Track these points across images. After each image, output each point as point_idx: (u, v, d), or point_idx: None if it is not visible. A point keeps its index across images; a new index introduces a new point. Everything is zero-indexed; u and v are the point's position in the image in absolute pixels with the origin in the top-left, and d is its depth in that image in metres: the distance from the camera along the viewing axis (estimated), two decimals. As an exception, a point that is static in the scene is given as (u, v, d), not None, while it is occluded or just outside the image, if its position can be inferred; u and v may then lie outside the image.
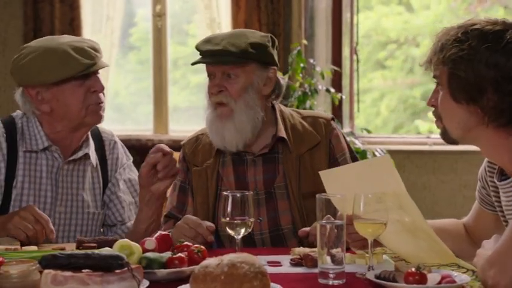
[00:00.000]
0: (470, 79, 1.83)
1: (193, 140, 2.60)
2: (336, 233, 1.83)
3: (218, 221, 2.42)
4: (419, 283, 1.73)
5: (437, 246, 1.99)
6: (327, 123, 2.55)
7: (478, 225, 2.14)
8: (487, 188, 2.08)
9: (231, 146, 2.46)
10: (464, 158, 5.04)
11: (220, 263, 1.68)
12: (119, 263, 1.70)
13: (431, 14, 7.30)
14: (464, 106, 1.86)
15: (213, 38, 2.46)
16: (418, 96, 7.15)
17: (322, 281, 1.84)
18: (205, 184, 2.51)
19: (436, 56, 1.91)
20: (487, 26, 1.87)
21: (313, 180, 2.42)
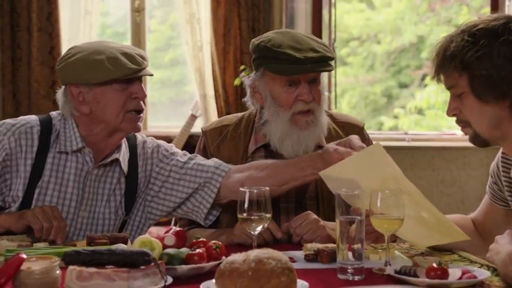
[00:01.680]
0: (493, 76, 1.86)
1: (217, 132, 2.51)
2: (357, 229, 1.84)
3: None
4: (441, 278, 1.75)
5: (445, 225, 2.01)
6: (360, 131, 2.50)
7: (487, 221, 2.17)
8: (499, 183, 2.11)
9: (305, 154, 2.37)
10: (441, 155, 5.11)
11: (246, 259, 1.68)
12: (145, 259, 1.70)
13: (392, 12, 7.38)
14: (492, 104, 1.89)
15: (296, 43, 2.34)
16: (379, 92, 7.24)
17: (342, 277, 1.85)
18: None
19: (447, 65, 1.93)
20: (491, 23, 1.90)
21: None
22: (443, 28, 7.22)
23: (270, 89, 2.40)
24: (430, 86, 6.97)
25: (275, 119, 2.39)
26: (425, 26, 7.31)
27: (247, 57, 5.06)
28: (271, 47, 2.34)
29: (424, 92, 7.04)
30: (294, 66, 2.32)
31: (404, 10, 7.45)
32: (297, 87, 2.37)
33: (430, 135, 5.42)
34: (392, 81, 7.45)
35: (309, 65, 2.33)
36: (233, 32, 5.10)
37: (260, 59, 2.40)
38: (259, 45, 2.39)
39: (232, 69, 5.10)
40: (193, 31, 5.15)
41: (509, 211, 2.12)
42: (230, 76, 5.10)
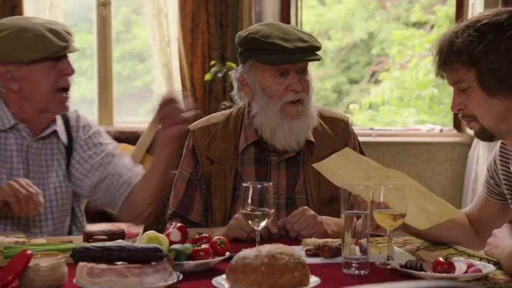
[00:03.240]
0: (503, 69, 1.88)
1: (206, 131, 2.49)
2: (363, 223, 1.85)
3: None
4: (447, 272, 1.77)
5: (438, 202, 2.04)
6: (345, 126, 2.52)
7: (483, 215, 2.21)
8: (495, 178, 2.15)
9: (296, 145, 2.40)
10: (407, 150, 5.18)
11: (258, 254, 1.67)
12: (158, 254, 1.68)
13: (343, 8, 7.45)
14: (501, 97, 1.91)
15: (284, 34, 2.36)
16: (329, 88, 7.30)
17: (347, 271, 1.86)
18: (223, 183, 2.43)
19: (453, 61, 1.94)
20: (495, 17, 1.92)
21: (331, 186, 2.35)
22: (393, 25, 7.32)
23: (260, 81, 2.41)
24: (384, 82, 7.05)
25: (265, 111, 2.40)
26: (375, 22, 7.39)
27: (216, 53, 5.05)
28: (261, 38, 2.35)
29: (378, 88, 7.12)
30: (284, 56, 2.33)
31: (355, 7, 7.52)
32: (287, 77, 2.38)
33: (395, 131, 5.49)
34: (342, 77, 7.52)
35: (299, 54, 2.34)
36: (201, 27, 5.08)
37: (249, 51, 2.40)
38: (248, 37, 2.39)
39: (200, 64, 5.08)
40: (160, 26, 5.11)
41: (505, 205, 2.16)
42: (198, 71, 5.08)
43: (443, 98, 7.00)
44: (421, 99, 7.03)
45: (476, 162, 4.99)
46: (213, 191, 2.45)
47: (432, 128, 5.47)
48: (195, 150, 2.49)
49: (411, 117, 6.95)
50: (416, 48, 7.07)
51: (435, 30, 7.12)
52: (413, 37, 7.15)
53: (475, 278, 1.78)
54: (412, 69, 7.04)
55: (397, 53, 7.09)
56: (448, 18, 6.97)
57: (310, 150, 2.46)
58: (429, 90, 6.94)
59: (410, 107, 7.06)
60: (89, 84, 5.60)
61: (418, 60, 7.03)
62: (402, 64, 7.21)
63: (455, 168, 5.20)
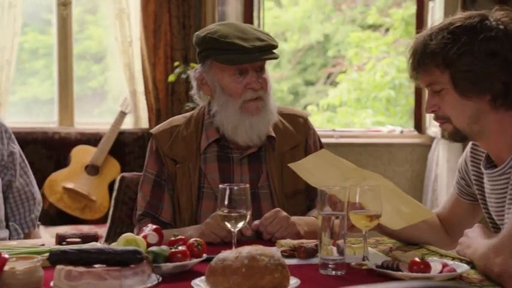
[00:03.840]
0: (476, 71, 1.91)
1: (168, 132, 2.52)
2: (341, 224, 1.87)
3: (200, 220, 2.41)
4: (424, 272, 1.80)
5: (411, 203, 2.07)
6: (305, 122, 2.57)
7: (453, 215, 2.24)
8: (466, 178, 2.18)
9: (258, 140, 2.43)
10: (368, 151, 5.23)
11: (238, 256, 1.67)
12: (137, 257, 1.67)
13: (299, 10, 7.49)
14: (474, 99, 1.94)
15: (242, 33, 2.39)
16: (286, 90, 7.34)
17: (324, 272, 1.87)
18: (188, 182, 2.45)
19: (427, 63, 1.96)
20: (468, 20, 1.96)
21: (294, 180, 2.45)
22: (349, 27, 7.38)
23: (219, 80, 2.44)
24: (341, 84, 7.11)
25: (225, 109, 2.43)
26: (331, 25, 7.45)
27: (178, 54, 5.03)
28: (219, 38, 2.38)
29: (336, 90, 7.18)
30: (242, 55, 2.37)
31: (311, 9, 7.56)
32: (245, 76, 2.42)
33: (357, 132, 5.54)
34: (298, 79, 7.56)
35: (257, 53, 2.38)
36: (163, 28, 5.05)
37: (207, 51, 2.43)
38: (206, 37, 2.42)
39: (163, 65, 5.05)
40: (122, 27, 5.07)
41: (475, 206, 2.19)
42: (160, 72, 5.06)
43: (400, 100, 7.08)
44: (378, 101, 7.11)
45: (436, 163, 5.06)
46: (179, 191, 2.47)
47: (393, 129, 5.53)
48: (158, 152, 2.51)
49: (368, 119, 7.02)
50: (373, 51, 7.15)
51: (391, 32, 7.19)
52: (370, 39, 7.23)
53: (450, 278, 1.80)
54: (369, 71, 7.11)
55: (354, 55, 7.15)
56: (404, 21, 7.06)
57: (272, 145, 2.50)
58: (386, 92, 7.01)
59: (368, 108, 7.13)
60: (43, 85, 5.52)
61: (375, 62, 7.11)
62: (359, 66, 7.27)
63: (415, 169, 5.26)
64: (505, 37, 1.93)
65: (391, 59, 7.06)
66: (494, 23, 1.94)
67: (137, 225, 2.48)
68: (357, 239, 2.25)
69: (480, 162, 2.10)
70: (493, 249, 1.78)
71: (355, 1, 7.54)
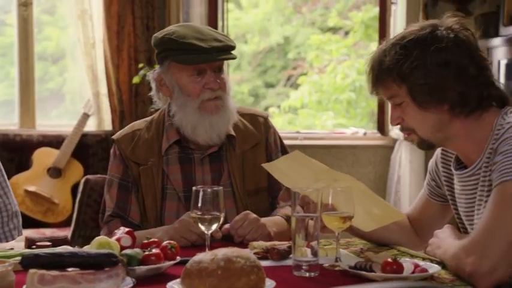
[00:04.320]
0: (431, 83, 1.94)
1: (129, 136, 2.54)
2: (314, 225, 1.87)
3: (165, 221, 2.40)
4: (396, 272, 1.82)
5: (382, 205, 2.10)
6: (265, 121, 2.60)
7: (424, 216, 2.26)
8: (437, 179, 2.21)
9: (218, 139, 2.45)
10: (332, 153, 5.26)
11: (214, 258, 1.67)
12: (112, 260, 1.66)
13: (259, 12, 7.52)
14: (433, 110, 1.97)
15: (200, 34, 2.41)
16: (246, 92, 7.36)
17: (298, 274, 1.88)
18: (152, 184, 2.46)
19: (385, 78, 1.99)
20: (419, 33, 1.99)
21: (256, 178, 2.48)
22: (309, 30, 7.42)
23: (177, 80, 2.46)
24: (303, 86, 7.15)
25: (184, 109, 2.46)
26: (291, 27, 7.48)
27: (142, 55, 5.00)
28: (177, 38, 2.40)
29: (297, 92, 7.21)
30: (200, 55, 2.39)
31: (271, 11, 7.59)
32: (203, 76, 2.44)
33: (321, 134, 5.56)
34: (259, 81, 7.58)
35: (214, 53, 2.41)
36: (127, 29, 5.02)
37: (165, 52, 2.45)
38: (164, 38, 2.44)
39: (127, 67, 5.02)
40: (85, 28, 5.03)
41: (445, 206, 2.22)
42: (124, 74, 5.02)
43: (360, 102, 7.14)
44: (339, 103, 7.16)
45: (398, 164, 5.11)
46: (144, 192, 2.48)
47: (356, 131, 5.57)
48: (122, 156, 2.52)
49: (329, 121, 7.06)
50: (334, 53, 7.20)
51: (351, 35, 7.25)
52: (330, 42, 7.27)
53: (422, 278, 1.82)
54: (330, 74, 7.16)
55: (315, 57, 7.19)
56: (364, 24, 7.12)
57: (232, 144, 2.52)
58: (346, 94, 7.06)
59: (329, 110, 7.17)
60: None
61: (335, 65, 7.16)
62: (320, 68, 7.32)
63: (378, 170, 5.31)
64: (456, 46, 1.96)
65: (351, 62, 7.12)
66: (445, 32, 1.97)
67: (105, 226, 2.48)
68: (328, 241, 2.26)
69: (450, 164, 2.13)
70: (464, 249, 1.81)
71: (315, 4, 7.59)
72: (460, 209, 2.10)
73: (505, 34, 4.51)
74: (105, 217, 2.49)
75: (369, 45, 7.12)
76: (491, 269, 1.74)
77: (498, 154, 1.88)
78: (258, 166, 2.48)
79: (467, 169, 2.02)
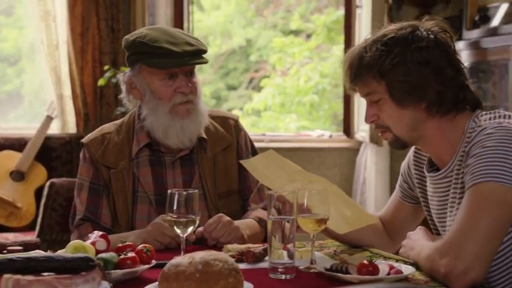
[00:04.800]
0: (411, 81, 1.96)
1: (99, 140, 2.51)
2: (291, 228, 1.88)
3: (136, 224, 2.39)
4: (372, 274, 1.82)
5: (355, 208, 2.11)
6: (235, 124, 2.60)
7: (396, 218, 2.28)
8: (409, 181, 2.23)
9: (189, 143, 2.44)
10: (298, 155, 5.27)
11: (192, 261, 1.66)
12: (89, 264, 1.63)
13: (221, 15, 7.52)
14: (410, 107, 1.99)
15: (171, 38, 2.40)
16: (208, 94, 7.36)
17: (274, 276, 1.88)
18: (123, 187, 2.45)
19: (364, 75, 2.01)
20: (400, 31, 2.01)
21: (227, 180, 2.49)
22: (271, 33, 7.44)
23: (148, 84, 2.44)
24: (266, 89, 7.16)
25: (155, 113, 2.45)
26: (253, 30, 7.50)
27: (107, 57, 4.96)
28: (148, 42, 2.39)
29: (261, 95, 7.23)
30: (172, 59, 2.38)
31: (233, 14, 7.60)
32: (175, 80, 2.43)
33: (287, 137, 5.58)
34: (221, 84, 7.58)
35: (187, 58, 2.40)
36: (91, 31, 4.98)
37: (136, 55, 2.43)
38: (135, 41, 2.42)
39: (91, 69, 4.98)
40: (48, 29, 4.97)
41: (417, 208, 2.24)
42: (88, 76, 4.98)
43: (323, 105, 7.18)
44: (302, 106, 7.19)
45: (364, 166, 5.15)
46: (115, 196, 2.47)
47: (322, 133, 5.60)
48: (92, 159, 2.50)
49: (293, 123, 7.09)
50: (296, 56, 7.23)
51: (313, 38, 7.29)
52: (293, 45, 7.30)
53: (398, 279, 1.84)
54: (293, 76, 7.19)
55: (278, 60, 7.21)
56: (326, 27, 7.16)
57: (203, 147, 2.51)
58: (309, 97, 7.10)
59: (292, 113, 7.20)
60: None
61: (298, 68, 7.18)
62: (283, 71, 7.34)
63: (344, 172, 5.34)
64: (435, 46, 1.98)
65: (314, 65, 7.15)
66: (424, 33, 1.99)
67: (75, 230, 2.45)
68: (301, 243, 2.26)
69: (423, 166, 2.15)
70: (439, 250, 1.83)
71: (277, 7, 7.61)
72: (433, 211, 2.12)
73: (468, 38, 4.57)
74: (76, 221, 2.46)
75: (331, 48, 7.16)
76: (466, 270, 1.76)
77: (470, 157, 1.90)
78: (229, 169, 2.49)
79: (440, 171, 2.05)
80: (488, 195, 1.82)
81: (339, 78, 6.70)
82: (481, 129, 1.93)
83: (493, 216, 1.80)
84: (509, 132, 1.89)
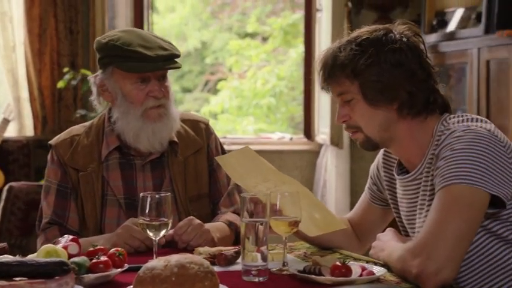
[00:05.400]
0: (384, 81, 1.99)
1: (68, 142, 2.48)
2: (264, 230, 1.88)
3: (105, 228, 2.37)
4: (345, 275, 1.84)
5: (325, 213, 2.12)
6: (206, 127, 2.59)
7: (365, 221, 2.30)
8: (378, 184, 2.25)
9: (160, 147, 2.42)
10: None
11: (167, 264, 1.66)
12: (64, 268, 1.62)
13: (176, 17, 7.51)
14: (382, 107, 2.01)
15: (145, 42, 2.38)
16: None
17: (247, 279, 1.88)
18: (92, 190, 2.42)
19: (338, 74, 2.03)
20: (374, 33, 2.04)
21: (198, 184, 2.48)
22: (226, 35, 7.46)
23: (121, 87, 2.42)
24: (223, 91, 7.16)
25: (126, 116, 2.43)
26: (208, 32, 7.50)
27: (66, 59, 4.92)
28: (122, 45, 2.37)
29: (218, 97, 7.23)
30: (145, 63, 2.37)
31: (188, 16, 7.59)
32: (147, 84, 2.41)
33: (248, 139, 5.60)
34: (175, 86, 7.57)
35: (160, 62, 2.38)
36: (49, 32, 4.92)
37: (109, 58, 2.41)
38: (108, 43, 2.40)
39: (49, 71, 4.92)
40: (4, 30, 4.90)
41: (385, 210, 2.26)
42: (46, 78, 4.92)
43: (280, 107, 7.21)
44: (259, 108, 7.21)
45: (324, 169, 5.18)
46: (83, 199, 2.44)
47: (282, 136, 5.62)
48: (60, 162, 2.47)
49: (250, 126, 7.10)
50: (253, 59, 7.24)
51: (270, 41, 7.31)
52: (250, 47, 7.32)
53: (370, 280, 1.85)
54: (250, 79, 7.20)
55: (234, 62, 7.22)
56: (283, 30, 7.19)
57: (174, 150, 2.50)
58: (267, 100, 7.12)
59: (249, 115, 7.21)
60: None
61: (255, 70, 7.20)
62: (240, 74, 7.35)
63: (304, 175, 5.37)
64: (408, 49, 2.02)
65: (271, 67, 7.18)
66: (398, 36, 2.02)
67: (42, 234, 2.42)
68: (271, 245, 2.26)
69: (392, 168, 2.17)
70: (410, 251, 1.85)
71: (234, 9, 7.61)
72: (402, 212, 2.14)
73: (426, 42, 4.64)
74: (42, 224, 2.43)
75: (288, 51, 7.20)
76: (437, 270, 1.79)
77: (440, 159, 1.92)
78: (200, 172, 2.48)
79: (409, 174, 2.07)
80: (459, 197, 1.85)
81: (296, 81, 6.74)
82: (450, 132, 1.96)
83: (464, 217, 1.83)
84: (477, 135, 1.92)
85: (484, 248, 1.94)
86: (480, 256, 1.95)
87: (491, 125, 1.98)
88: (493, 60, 4.09)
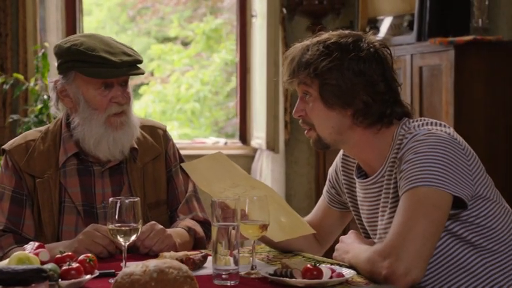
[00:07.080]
0: (342, 86, 2.03)
1: (23, 147, 2.42)
2: (236, 234, 1.89)
3: (63, 235, 2.33)
4: (317, 278, 1.87)
5: (293, 217, 2.13)
6: (164, 134, 2.57)
7: (324, 224, 2.33)
8: (337, 187, 2.28)
9: (120, 156, 2.40)
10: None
11: (146, 270, 1.65)
12: (42, 275, 1.58)
13: (93, 20, 7.44)
14: (337, 111, 2.05)
15: (108, 47, 2.35)
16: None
17: (218, 282, 1.88)
18: (49, 197, 2.37)
19: (301, 71, 2.07)
20: (343, 39, 2.08)
21: (156, 191, 2.46)
22: (144, 39, 7.42)
23: (83, 93, 2.39)
24: (146, 96, 7.12)
25: (88, 123, 2.39)
26: (126, 36, 7.44)
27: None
28: (85, 50, 2.34)
29: (141, 102, 7.18)
30: (110, 69, 2.35)
31: (105, 19, 7.52)
32: (111, 90, 2.39)
33: (182, 144, 5.56)
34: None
35: (125, 68, 2.37)
36: (-23, 35, 4.79)
37: (71, 63, 2.38)
38: (71, 48, 2.37)
39: (-24, 76, 4.78)
40: None
41: (343, 213, 2.30)
42: (-25, 84, 4.78)
43: (204, 112, 7.21)
44: (183, 113, 7.19)
45: (259, 173, 5.21)
46: (41, 206, 2.39)
47: (217, 141, 5.62)
48: (15, 167, 2.42)
49: (175, 131, 7.08)
50: (176, 63, 7.22)
51: (192, 46, 7.30)
52: (172, 52, 7.29)
53: (340, 282, 1.89)
54: (173, 84, 7.18)
55: (157, 67, 7.18)
56: (205, 34, 7.20)
57: (133, 157, 2.48)
58: (191, 104, 7.11)
59: (173, 120, 7.18)
60: None
61: (179, 75, 7.18)
62: (163, 78, 7.31)
63: (239, 179, 5.38)
64: (373, 60, 2.06)
65: (195, 72, 7.17)
66: (366, 45, 2.07)
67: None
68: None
69: (352, 171, 2.21)
70: (379, 253, 1.89)
71: (155, 13, 7.57)
72: (363, 215, 2.19)
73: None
74: None
75: (211, 56, 7.21)
76: (407, 270, 1.84)
77: (404, 163, 1.97)
78: (158, 179, 2.47)
79: (370, 177, 2.11)
80: (424, 198, 1.91)
81: (220, 86, 6.75)
82: (412, 135, 2.01)
83: (430, 218, 1.89)
84: (439, 139, 1.98)
85: (446, 250, 2.00)
86: (442, 258, 2.00)
87: (450, 129, 2.05)
88: (425, 66, 4.22)
